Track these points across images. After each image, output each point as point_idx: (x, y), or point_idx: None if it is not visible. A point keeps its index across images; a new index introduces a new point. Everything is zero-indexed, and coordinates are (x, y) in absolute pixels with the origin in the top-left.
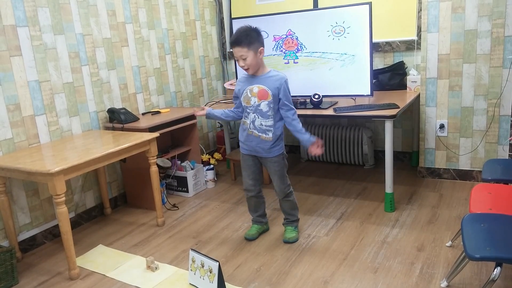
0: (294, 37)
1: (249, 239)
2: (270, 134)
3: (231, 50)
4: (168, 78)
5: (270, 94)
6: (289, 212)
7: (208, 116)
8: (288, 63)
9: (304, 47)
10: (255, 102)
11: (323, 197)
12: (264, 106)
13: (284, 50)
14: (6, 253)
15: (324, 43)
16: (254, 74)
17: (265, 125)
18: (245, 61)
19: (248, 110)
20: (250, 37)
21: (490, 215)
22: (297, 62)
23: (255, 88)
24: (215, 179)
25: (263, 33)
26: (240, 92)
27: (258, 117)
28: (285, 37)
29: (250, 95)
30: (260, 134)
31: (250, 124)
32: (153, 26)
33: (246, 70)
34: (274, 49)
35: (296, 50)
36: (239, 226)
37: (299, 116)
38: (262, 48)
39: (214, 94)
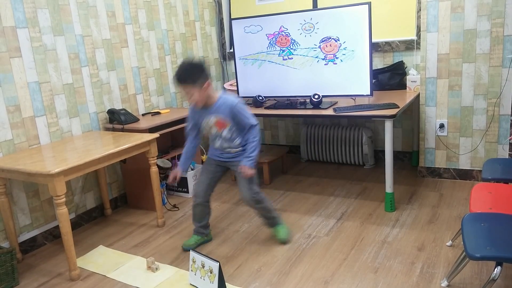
0: (285, 33)
1: (186, 249)
2: (240, 147)
3: (231, 50)
4: (168, 78)
5: (228, 121)
6: (267, 216)
7: (184, 170)
8: (286, 59)
9: (297, 43)
10: (216, 131)
11: (323, 197)
12: (226, 133)
13: (278, 47)
14: (6, 254)
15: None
16: (205, 106)
17: (233, 145)
18: (191, 97)
19: (212, 138)
20: (193, 75)
21: (490, 215)
22: (291, 58)
23: (212, 119)
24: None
25: (260, 34)
26: (199, 123)
27: (225, 142)
28: (278, 34)
29: (209, 126)
30: (230, 149)
31: (220, 146)
32: (152, 27)
33: (194, 104)
34: (268, 47)
35: (289, 46)
36: (239, 227)
37: (299, 116)
38: (207, 81)
39: None
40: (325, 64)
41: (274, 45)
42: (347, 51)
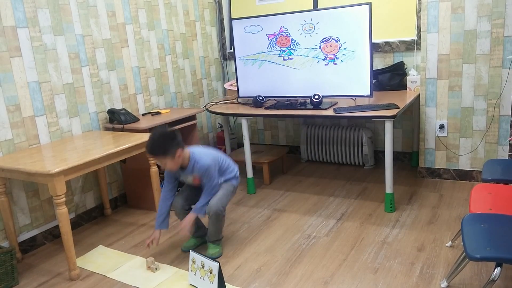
0: (286, 33)
1: (185, 251)
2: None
3: (231, 50)
4: (168, 78)
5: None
6: (214, 233)
7: (163, 229)
8: (286, 60)
9: (298, 43)
10: (192, 182)
11: (323, 198)
12: (203, 184)
13: (278, 48)
14: (6, 253)
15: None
16: (180, 167)
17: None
18: (165, 166)
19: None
20: (163, 147)
21: (490, 215)
22: (292, 58)
23: (189, 177)
24: None
25: (261, 34)
26: (177, 176)
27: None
28: (278, 35)
29: (188, 180)
30: None
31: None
32: (153, 26)
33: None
34: (269, 47)
35: (289, 46)
36: (239, 227)
37: (299, 116)
38: (179, 150)
39: (214, 94)
40: (325, 65)
41: (274, 45)
42: (347, 51)
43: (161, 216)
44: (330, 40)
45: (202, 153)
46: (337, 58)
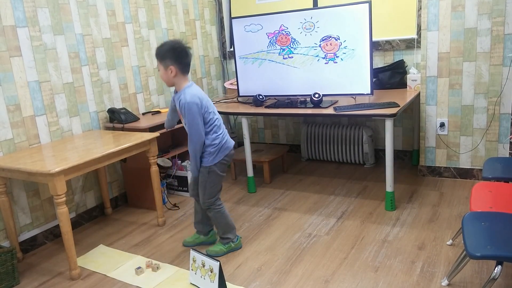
0: (286, 32)
1: (185, 245)
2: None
3: (231, 49)
4: None
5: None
6: (217, 226)
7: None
8: (286, 58)
9: (298, 42)
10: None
11: (323, 196)
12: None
13: (278, 46)
14: (7, 253)
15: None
16: (176, 91)
17: None
18: (159, 73)
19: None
20: (163, 51)
21: (491, 214)
22: (292, 57)
23: (178, 106)
24: None
25: (261, 32)
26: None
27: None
28: (278, 33)
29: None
30: None
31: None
32: (153, 26)
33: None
34: (268, 46)
35: (289, 45)
36: (240, 226)
37: (300, 115)
38: (172, 66)
39: (214, 93)
40: (325, 63)
41: (274, 44)
42: (347, 50)
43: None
44: (330, 38)
45: (193, 90)
46: (337, 57)
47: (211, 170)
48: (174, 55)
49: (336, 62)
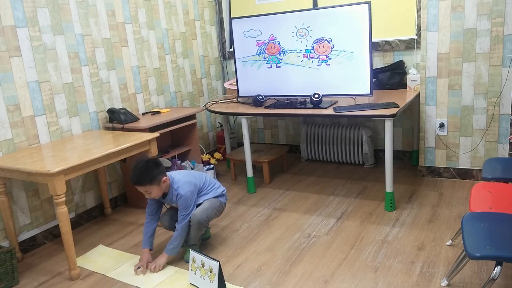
0: (276, 42)
1: (187, 261)
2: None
3: (231, 49)
4: (168, 78)
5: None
6: (192, 236)
7: (148, 246)
8: (271, 67)
9: (286, 51)
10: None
11: (323, 197)
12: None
13: (267, 55)
14: (6, 253)
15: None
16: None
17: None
18: (150, 195)
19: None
20: (150, 174)
21: (490, 214)
22: (279, 67)
23: (170, 204)
24: (215, 178)
25: (258, 32)
26: (161, 200)
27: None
28: (268, 42)
29: (172, 204)
30: None
31: None
32: (152, 26)
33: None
34: (258, 53)
35: (278, 54)
36: (239, 226)
37: (299, 115)
38: (164, 177)
39: (214, 94)
40: (326, 64)
41: (263, 52)
42: (347, 50)
43: (147, 235)
44: (323, 41)
45: (181, 181)
46: (337, 57)
47: (221, 204)
48: (160, 168)
49: (336, 63)
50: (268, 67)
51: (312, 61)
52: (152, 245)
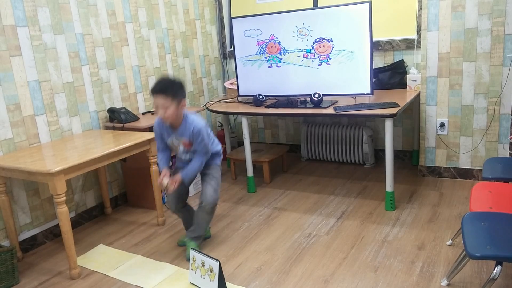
0: (276, 41)
1: (180, 245)
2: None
3: (231, 49)
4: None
5: (192, 142)
6: (201, 225)
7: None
8: (271, 67)
9: (286, 51)
10: (184, 149)
11: (323, 196)
12: (193, 150)
13: (267, 55)
14: (7, 252)
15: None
16: (171, 125)
17: None
18: (166, 111)
19: (179, 153)
20: (175, 88)
21: (491, 214)
22: (279, 66)
23: (178, 139)
24: None
25: (258, 32)
26: (165, 139)
27: (193, 155)
28: (268, 42)
29: (176, 144)
30: None
31: (189, 158)
32: (153, 25)
33: (164, 119)
34: (258, 53)
35: (279, 53)
36: (240, 226)
37: (300, 115)
38: (184, 101)
39: (214, 93)
40: (326, 63)
41: (264, 52)
42: (347, 50)
43: (162, 161)
44: (323, 40)
45: (195, 117)
46: (337, 57)
47: (220, 169)
48: (184, 89)
49: (337, 62)
50: (268, 67)
51: (313, 61)
52: (169, 164)
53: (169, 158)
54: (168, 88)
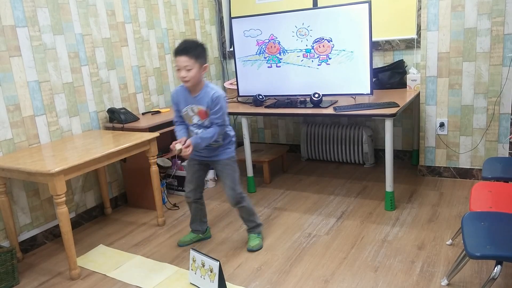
0: (276, 41)
1: (181, 246)
2: (220, 140)
3: (231, 49)
4: (168, 77)
5: (209, 111)
6: (247, 218)
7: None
8: (271, 67)
9: (286, 51)
10: (198, 120)
11: (323, 196)
12: (208, 122)
13: (267, 55)
14: (6, 253)
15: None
16: (192, 92)
17: None
18: (188, 72)
19: (192, 128)
20: (199, 50)
21: (490, 213)
22: (279, 66)
23: (195, 108)
24: (215, 178)
25: (258, 32)
26: (180, 109)
27: (205, 131)
28: (268, 41)
29: (191, 114)
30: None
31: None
32: (152, 25)
33: (185, 82)
34: (258, 53)
35: (278, 53)
36: (240, 226)
37: (299, 115)
38: (207, 64)
39: None
40: (326, 63)
41: (264, 52)
42: (347, 50)
43: (179, 132)
44: (323, 40)
45: (216, 85)
46: (337, 56)
47: (235, 159)
48: (206, 53)
49: (337, 62)
50: (268, 67)
51: (312, 61)
52: (186, 135)
53: (187, 130)
54: (192, 49)
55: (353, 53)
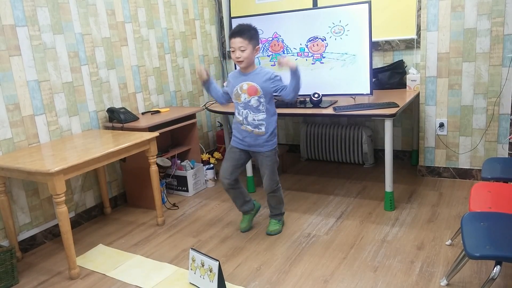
0: (279, 39)
1: (244, 231)
2: (263, 128)
3: (230, 49)
4: (168, 77)
5: (259, 89)
6: (275, 206)
7: (206, 84)
8: (275, 65)
9: (289, 49)
10: (245, 98)
11: (323, 196)
12: (254, 102)
13: (270, 53)
14: (6, 252)
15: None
16: (244, 71)
17: (257, 120)
18: (242, 53)
19: (239, 107)
20: (252, 32)
21: (490, 214)
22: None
23: (245, 85)
24: (215, 178)
25: (259, 31)
26: (231, 90)
27: (250, 113)
28: (271, 40)
29: (240, 92)
30: (253, 129)
31: (243, 120)
32: (152, 25)
33: (239, 62)
34: (262, 51)
35: (282, 52)
36: (240, 225)
37: (299, 115)
38: (259, 46)
39: None
40: (320, 62)
41: (267, 50)
42: (348, 53)
43: (214, 87)
44: (317, 39)
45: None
46: (323, 57)
47: (276, 151)
48: (259, 37)
49: (336, 62)
50: (272, 65)
51: (306, 59)
52: (208, 86)
53: (221, 101)
54: (246, 31)
55: (353, 53)
